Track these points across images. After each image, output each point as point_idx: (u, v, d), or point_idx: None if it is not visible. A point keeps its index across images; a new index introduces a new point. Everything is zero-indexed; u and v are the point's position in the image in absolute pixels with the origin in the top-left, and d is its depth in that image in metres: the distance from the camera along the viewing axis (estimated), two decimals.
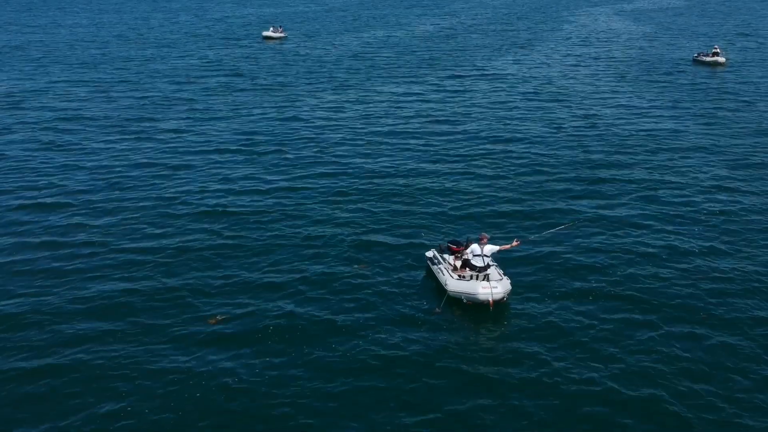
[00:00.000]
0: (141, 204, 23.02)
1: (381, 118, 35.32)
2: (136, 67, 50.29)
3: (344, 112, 36.50)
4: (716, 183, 25.35)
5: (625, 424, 12.41)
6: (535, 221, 21.50)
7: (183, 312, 16.00)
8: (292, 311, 16.06)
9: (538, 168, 27.02)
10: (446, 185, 25.10)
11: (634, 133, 32.19)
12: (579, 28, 76.76)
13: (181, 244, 19.75)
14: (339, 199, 23.65)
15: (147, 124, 33.42)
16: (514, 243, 17.19)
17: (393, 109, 37.41)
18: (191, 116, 35.29)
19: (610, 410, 12.75)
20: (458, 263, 17.31)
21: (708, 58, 51.72)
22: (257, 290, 17.12)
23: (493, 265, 16.94)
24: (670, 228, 21.09)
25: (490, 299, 15.76)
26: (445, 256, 17.88)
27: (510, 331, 15.45)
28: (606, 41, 65.27)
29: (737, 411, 12.74)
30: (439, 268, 17.23)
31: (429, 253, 18.30)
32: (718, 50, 52.11)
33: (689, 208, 22.81)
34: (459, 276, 16.66)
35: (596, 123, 34.00)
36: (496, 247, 16.73)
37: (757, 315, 16.10)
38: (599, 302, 16.51)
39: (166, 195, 23.91)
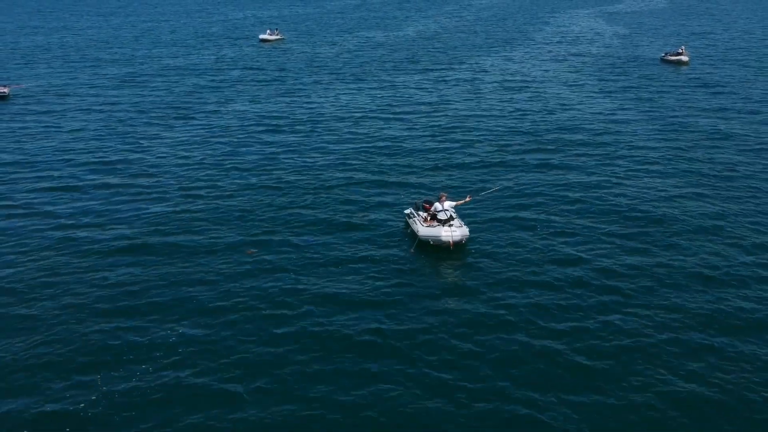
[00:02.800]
0: (196, 162, 29.84)
1: (374, 103, 40.88)
2: (157, 64, 55.93)
3: (340, 99, 42.21)
4: (645, 153, 30.81)
5: (557, 350, 17.03)
6: (485, 183, 26.56)
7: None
8: (302, 244, 20.95)
9: (496, 143, 32.56)
10: (424, 156, 30.51)
11: (588, 117, 37.31)
12: (559, 29, 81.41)
13: (225, 194, 25.85)
14: (339, 166, 29.16)
15: (184, 111, 39.80)
16: (467, 198, 21.92)
17: (383, 96, 42.89)
18: (217, 103, 41.77)
19: (537, 327, 17.37)
20: (428, 217, 21.93)
21: (673, 57, 56.50)
22: (275, 229, 22.41)
23: (456, 217, 21.56)
24: (599, 176, 26.19)
25: (451, 240, 20.40)
26: (420, 212, 22.48)
27: (464, 263, 20.12)
28: (582, 41, 69.97)
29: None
30: (413, 221, 21.86)
31: (407, 210, 22.95)
32: (683, 51, 56.84)
33: (615, 168, 28.51)
34: (429, 225, 21.27)
35: (555, 109, 39.28)
36: (453, 202, 21.42)
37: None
38: (534, 240, 21.20)
39: (214, 158, 30.50)
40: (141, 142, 32.94)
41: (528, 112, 38.38)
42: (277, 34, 71.91)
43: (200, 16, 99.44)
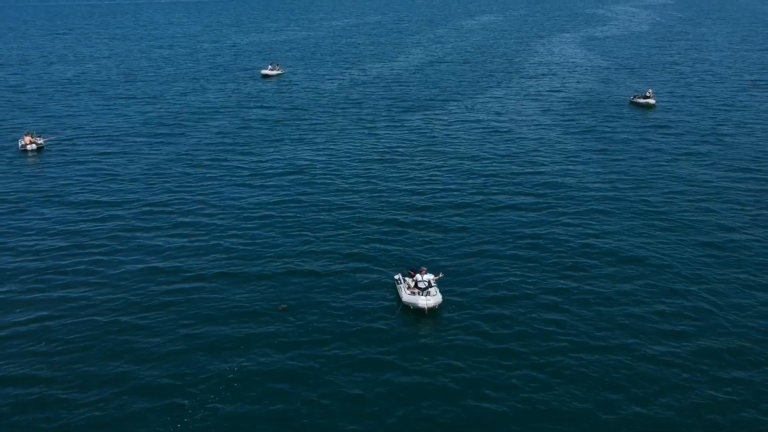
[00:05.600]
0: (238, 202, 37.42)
1: (369, 147, 46.76)
2: (180, 103, 62.27)
3: (342, 144, 48.37)
4: (600, 190, 37.46)
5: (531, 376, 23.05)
6: (462, 224, 32.85)
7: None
8: (305, 296, 26.81)
9: (475, 186, 39.05)
10: (414, 203, 36.81)
11: (552, 159, 43.86)
12: (541, 58, 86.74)
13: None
14: (340, 213, 35.24)
15: (210, 157, 45.58)
16: (440, 275, 27.95)
17: (378, 139, 49.26)
18: (244, 147, 48.16)
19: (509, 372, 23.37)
20: (412, 284, 27.90)
21: (641, 100, 62.45)
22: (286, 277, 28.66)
23: (434, 285, 27.53)
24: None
25: (426, 307, 26.35)
26: (406, 278, 28.38)
27: (437, 324, 26.10)
28: (560, 75, 75.77)
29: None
30: (400, 287, 27.81)
31: (396, 276, 28.86)
32: (650, 94, 62.78)
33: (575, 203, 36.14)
34: (411, 292, 27.24)
35: (527, 152, 45.72)
36: (432, 276, 27.46)
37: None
38: (497, 303, 27.26)
39: (248, 201, 37.49)
40: (174, 193, 38.59)
41: (503, 156, 44.65)
42: (278, 69, 77.26)
43: (206, 40, 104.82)
